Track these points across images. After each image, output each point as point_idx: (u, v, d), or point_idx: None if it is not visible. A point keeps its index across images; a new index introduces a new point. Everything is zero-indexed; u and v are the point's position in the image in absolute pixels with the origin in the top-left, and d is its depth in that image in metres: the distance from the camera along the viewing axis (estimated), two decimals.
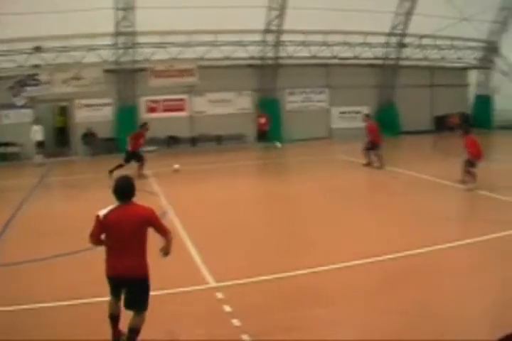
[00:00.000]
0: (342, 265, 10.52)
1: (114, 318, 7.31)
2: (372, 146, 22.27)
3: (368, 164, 22.23)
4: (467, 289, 9.23)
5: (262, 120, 30.62)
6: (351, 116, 34.37)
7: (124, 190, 7.16)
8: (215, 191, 18.58)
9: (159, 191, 18.33)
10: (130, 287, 7.11)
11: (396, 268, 10.41)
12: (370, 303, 8.80)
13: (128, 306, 7.14)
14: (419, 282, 9.66)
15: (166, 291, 9.05)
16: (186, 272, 10.39)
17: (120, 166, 20.33)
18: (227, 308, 8.54)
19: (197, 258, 11.10)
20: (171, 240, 7.29)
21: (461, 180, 17.54)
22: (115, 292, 7.26)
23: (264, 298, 9.21)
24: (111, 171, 19.94)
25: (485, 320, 8.14)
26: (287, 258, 11.13)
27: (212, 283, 9.70)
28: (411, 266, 10.47)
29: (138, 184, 7.48)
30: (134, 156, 21.04)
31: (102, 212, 7.06)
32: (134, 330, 7.04)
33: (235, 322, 8.04)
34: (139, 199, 7.33)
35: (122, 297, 7.19)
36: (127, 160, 20.85)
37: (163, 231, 7.21)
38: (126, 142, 21.39)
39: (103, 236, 7.14)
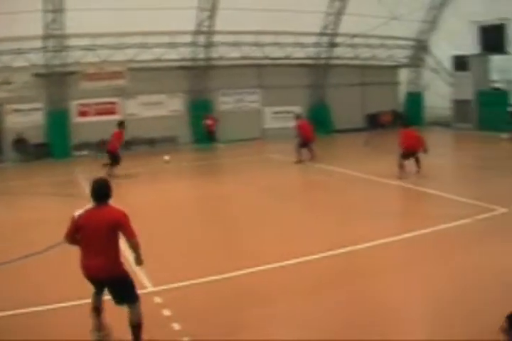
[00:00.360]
0: (278, 264, 10.86)
1: (97, 310, 7.72)
2: (304, 144, 23.80)
3: (300, 161, 23.53)
4: (400, 284, 9.84)
5: (209, 121, 31.35)
6: (284, 116, 35.16)
7: (100, 192, 7.57)
8: (150, 194, 18.93)
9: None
10: (110, 286, 7.51)
11: (331, 265, 10.86)
12: (309, 301, 9.19)
13: (117, 302, 7.56)
14: (354, 278, 10.18)
15: (104, 298, 9.01)
16: None
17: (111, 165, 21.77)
18: (167, 312, 8.73)
19: (134, 263, 11.45)
20: (136, 245, 7.51)
21: (398, 175, 19.21)
22: (96, 287, 7.66)
23: (204, 300, 9.41)
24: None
25: (419, 316, 8.72)
26: (225, 260, 11.50)
27: (150, 288, 9.84)
28: (345, 263, 11.04)
29: (66, 188, 8.08)
30: (113, 157, 21.88)
31: (77, 213, 7.42)
32: (136, 326, 7.43)
33: (175, 326, 8.24)
34: (76, 205, 7.69)
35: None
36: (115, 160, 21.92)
37: (128, 235, 7.41)
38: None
39: (79, 236, 7.48)
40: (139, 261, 7.68)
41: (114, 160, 22.07)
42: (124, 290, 7.55)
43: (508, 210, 14.12)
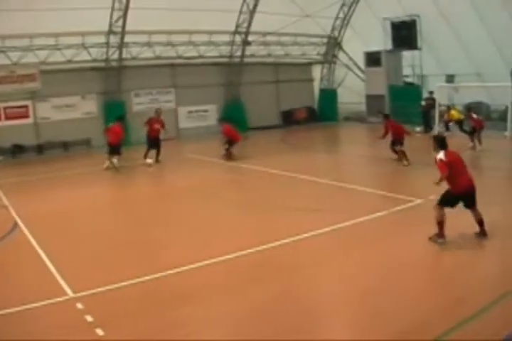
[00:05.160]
0: (201, 264, 11.42)
1: (442, 223, 11.99)
2: (231, 143, 26.10)
3: (228, 158, 26.01)
4: (319, 279, 10.70)
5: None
6: (199, 115, 36.88)
7: None
8: (66, 200, 19.13)
9: (7, 203, 18.56)
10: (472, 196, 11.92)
11: (255, 262, 11.64)
12: (235, 298, 9.80)
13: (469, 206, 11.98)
14: (278, 275, 10.88)
15: (24, 307, 9.57)
16: (43, 285, 10.77)
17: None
18: (89, 318, 9.04)
19: (53, 270, 11.54)
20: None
21: (397, 159, 22.03)
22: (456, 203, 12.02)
23: (127, 303, 9.75)
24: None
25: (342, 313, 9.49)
26: (146, 262, 12.00)
27: (71, 294, 10.12)
28: (268, 259, 11.80)
29: None
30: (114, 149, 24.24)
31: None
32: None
33: (99, 331, 8.57)
34: None
35: None
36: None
37: None
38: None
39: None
40: None
41: (115, 151, 24.55)
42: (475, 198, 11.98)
43: (423, 201, 15.75)
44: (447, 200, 12.07)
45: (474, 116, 26.14)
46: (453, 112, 28.39)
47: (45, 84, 30.48)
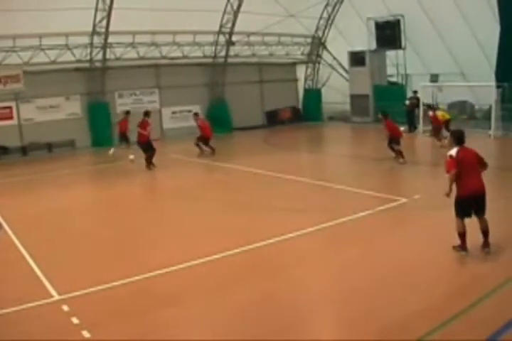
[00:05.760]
0: (184, 265, 11.46)
1: (464, 235, 11.40)
2: (203, 140, 27.16)
3: (202, 154, 26.99)
4: (303, 278, 10.73)
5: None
6: (183, 116, 36.84)
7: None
8: (51, 201, 19.19)
9: None
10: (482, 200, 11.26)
11: (238, 263, 11.70)
12: (222, 299, 9.82)
13: (480, 213, 11.31)
14: (264, 275, 10.95)
15: (11, 309, 9.56)
16: (29, 287, 10.76)
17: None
18: (75, 320, 9.03)
19: (38, 272, 11.55)
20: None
21: (395, 158, 22.10)
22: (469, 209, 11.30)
23: (113, 305, 9.77)
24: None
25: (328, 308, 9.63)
26: (132, 263, 11.99)
27: (57, 296, 10.12)
28: (254, 259, 11.91)
29: None
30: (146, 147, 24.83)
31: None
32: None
33: (85, 333, 8.59)
34: None
35: None
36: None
37: None
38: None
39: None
40: None
41: (148, 149, 24.81)
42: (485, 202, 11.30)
43: (408, 200, 15.97)
44: (460, 209, 11.36)
45: (431, 113, 27.31)
46: (439, 113, 28.55)
47: (29, 85, 30.41)
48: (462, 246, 11.48)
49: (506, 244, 11.96)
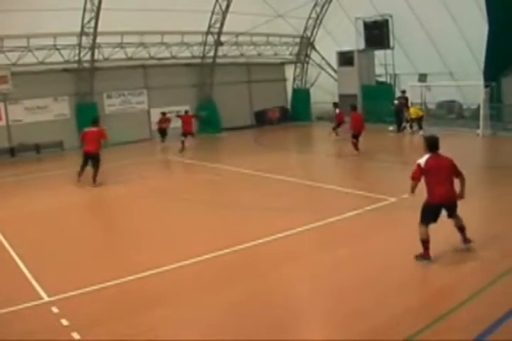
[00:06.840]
0: (174, 266, 11.46)
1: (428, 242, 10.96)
2: (184, 135, 28.41)
3: (182, 150, 27.84)
4: (292, 277, 10.77)
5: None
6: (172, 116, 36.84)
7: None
8: (39, 202, 19.10)
9: None
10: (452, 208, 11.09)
11: (227, 263, 11.68)
12: (211, 299, 9.80)
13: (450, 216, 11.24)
14: (253, 275, 10.99)
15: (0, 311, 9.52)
16: (17, 289, 10.69)
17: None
18: (65, 322, 8.98)
19: (27, 273, 11.47)
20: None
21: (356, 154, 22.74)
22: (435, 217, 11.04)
23: (103, 306, 9.73)
24: None
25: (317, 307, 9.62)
26: (121, 264, 11.95)
27: (46, 298, 10.04)
28: (243, 259, 11.92)
29: None
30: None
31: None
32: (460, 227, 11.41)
33: (75, 335, 8.54)
34: None
35: None
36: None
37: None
38: None
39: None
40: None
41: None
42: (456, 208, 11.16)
43: (397, 200, 16.03)
44: (426, 215, 10.98)
45: (337, 111, 30.14)
46: (411, 111, 29.21)
47: (17, 86, 30.38)
48: (425, 255, 11.05)
49: (493, 241, 12.07)
